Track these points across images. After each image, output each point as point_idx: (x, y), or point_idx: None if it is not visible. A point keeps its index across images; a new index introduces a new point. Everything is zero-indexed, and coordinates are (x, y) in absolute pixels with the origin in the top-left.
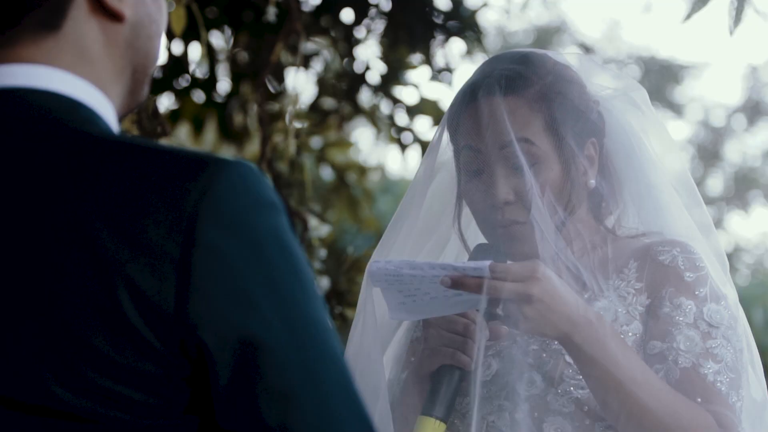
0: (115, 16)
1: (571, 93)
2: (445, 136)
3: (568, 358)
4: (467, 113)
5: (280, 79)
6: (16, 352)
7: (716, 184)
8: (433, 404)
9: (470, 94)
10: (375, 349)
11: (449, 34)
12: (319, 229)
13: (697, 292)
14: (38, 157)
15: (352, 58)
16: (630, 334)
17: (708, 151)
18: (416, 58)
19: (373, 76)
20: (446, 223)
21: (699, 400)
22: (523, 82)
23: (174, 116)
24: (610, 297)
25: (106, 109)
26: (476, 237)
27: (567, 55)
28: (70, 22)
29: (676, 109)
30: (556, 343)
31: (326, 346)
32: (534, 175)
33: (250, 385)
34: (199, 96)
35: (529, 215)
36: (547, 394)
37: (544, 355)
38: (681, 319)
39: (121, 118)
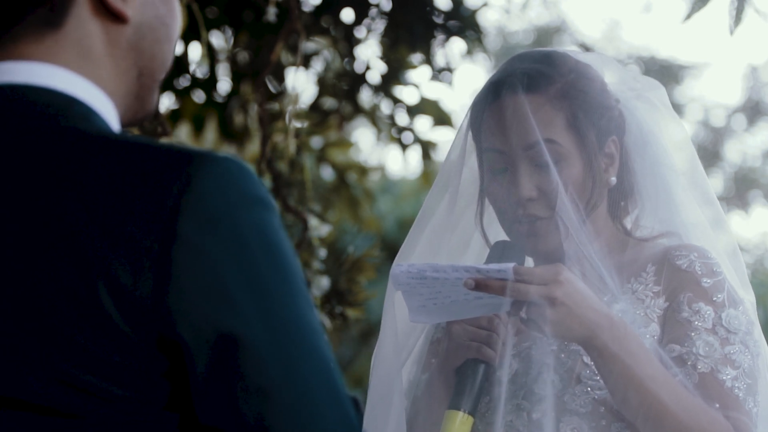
0: (118, 18)
1: (592, 91)
2: (469, 135)
3: (586, 359)
4: (490, 112)
5: (281, 79)
6: (2, 348)
7: (716, 184)
8: (461, 398)
9: (493, 92)
10: (393, 357)
11: (449, 33)
12: (319, 229)
13: (714, 298)
14: (28, 152)
15: (352, 58)
16: (648, 336)
17: (708, 151)
18: (416, 57)
19: (374, 76)
20: (469, 221)
21: (717, 405)
22: (545, 80)
23: (174, 116)
24: (628, 300)
25: (105, 107)
26: (499, 235)
27: (586, 54)
28: (72, 20)
29: (676, 109)
30: (574, 343)
31: (309, 343)
32: (557, 173)
33: (228, 381)
34: (199, 96)
35: (553, 212)
36: (564, 394)
37: (563, 355)
38: (700, 324)
39: (129, 125)
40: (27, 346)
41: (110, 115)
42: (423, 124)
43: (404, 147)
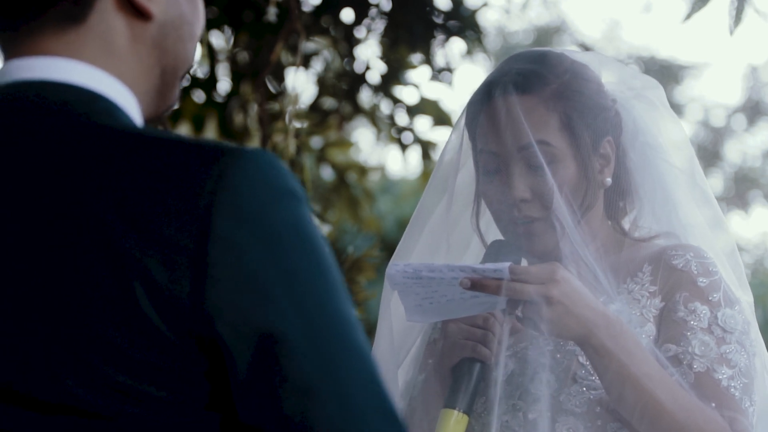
0: (142, 14)
1: (588, 91)
2: (465, 135)
3: (581, 359)
4: (484, 114)
5: (280, 79)
6: (32, 349)
7: (716, 184)
8: (456, 397)
9: (487, 93)
10: (389, 357)
11: (449, 33)
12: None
13: (710, 298)
14: (53, 150)
15: (352, 58)
16: (644, 336)
17: (708, 151)
18: (416, 57)
19: (374, 76)
20: (467, 221)
21: (713, 405)
22: (539, 80)
23: (174, 116)
24: (624, 300)
25: (128, 102)
26: (496, 235)
27: (584, 53)
28: (95, 15)
29: (676, 109)
30: (570, 343)
31: (348, 338)
32: (550, 174)
33: (269, 379)
34: (199, 96)
35: (548, 212)
36: (560, 394)
37: (558, 355)
38: (695, 323)
39: (149, 121)
40: (63, 348)
41: (134, 111)
42: (423, 124)
43: (404, 147)
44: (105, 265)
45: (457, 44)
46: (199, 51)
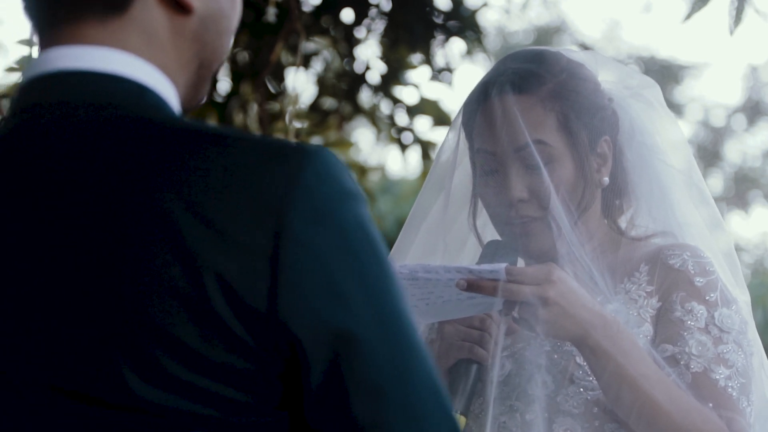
0: (183, 8)
1: (584, 90)
2: (462, 135)
3: (579, 360)
4: (481, 113)
5: (280, 79)
6: (96, 346)
7: (716, 184)
8: (453, 398)
9: (483, 93)
10: None
11: (449, 34)
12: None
13: (707, 297)
14: (107, 145)
15: (352, 58)
16: (641, 336)
17: (708, 151)
18: (416, 58)
19: (374, 76)
20: (464, 221)
21: (710, 405)
22: (536, 80)
23: None
24: (621, 300)
25: (171, 94)
26: (493, 235)
27: (581, 52)
28: (137, 6)
29: (676, 109)
30: (567, 344)
31: (413, 339)
32: (547, 174)
33: (343, 380)
34: None
35: (545, 212)
36: (557, 395)
37: (556, 356)
38: (692, 323)
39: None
40: (133, 347)
41: (175, 103)
42: (423, 124)
43: (404, 147)
44: (176, 263)
45: (457, 44)
46: None
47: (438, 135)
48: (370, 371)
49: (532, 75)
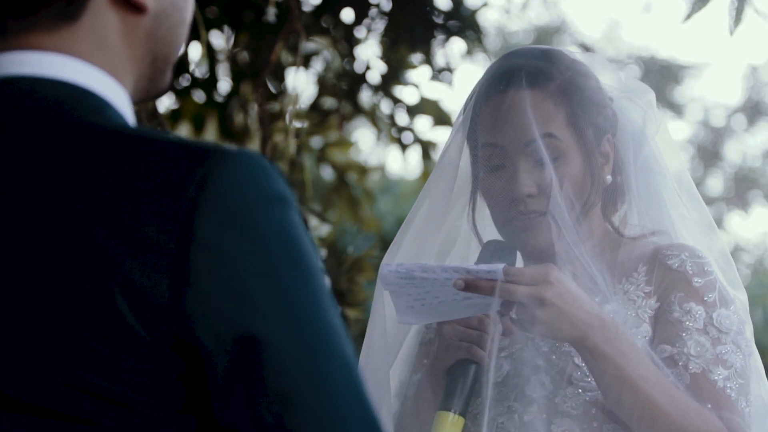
0: (136, 8)
1: (589, 88)
2: (461, 132)
3: (577, 360)
4: (488, 108)
5: (281, 79)
6: (12, 350)
7: (716, 184)
8: (451, 399)
9: (491, 88)
10: (381, 358)
11: (449, 33)
12: (319, 229)
13: (706, 298)
14: (38, 148)
15: (352, 58)
16: (639, 337)
17: (708, 151)
18: (416, 57)
19: (374, 76)
20: (453, 219)
21: (709, 406)
22: (545, 76)
23: (174, 116)
24: (620, 300)
25: (119, 98)
26: (493, 233)
27: (578, 54)
28: (89, 13)
29: (676, 109)
30: (566, 345)
31: (331, 345)
32: (556, 169)
33: (248, 383)
34: (199, 96)
35: (550, 207)
36: (555, 396)
37: (554, 357)
38: (691, 324)
39: (137, 103)
40: (40, 350)
41: (125, 108)
42: (423, 124)
43: (404, 147)
44: (85, 266)
45: (457, 44)
46: (199, 51)
47: (438, 135)
48: (277, 375)
49: (541, 71)
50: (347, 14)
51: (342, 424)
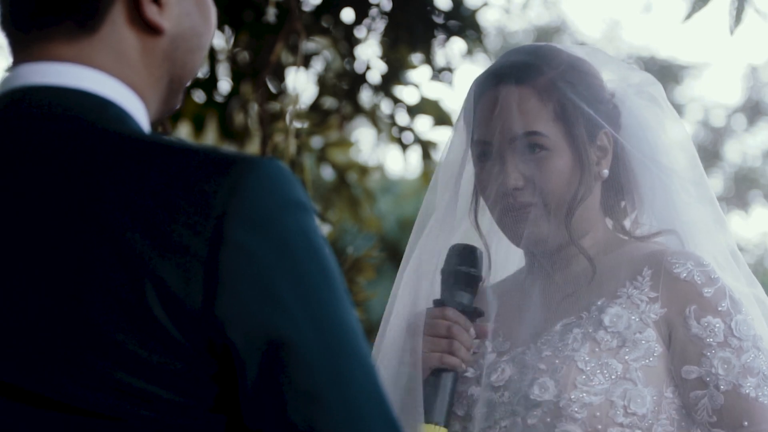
0: (153, 29)
1: (583, 83)
2: (461, 130)
3: (580, 365)
4: (479, 105)
5: (281, 78)
6: (43, 349)
7: (716, 184)
8: (432, 410)
9: (483, 85)
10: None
11: (450, 33)
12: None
13: (720, 308)
14: (65, 155)
15: (352, 58)
16: (643, 341)
17: (708, 151)
18: (417, 57)
19: (374, 76)
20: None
21: (745, 423)
22: (533, 71)
23: (174, 116)
24: (623, 303)
25: (137, 109)
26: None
27: (583, 49)
28: (107, 26)
29: (676, 109)
30: (569, 348)
31: (353, 346)
32: (541, 163)
33: (277, 385)
34: (199, 96)
35: (540, 200)
36: (559, 400)
37: (557, 361)
38: (712, 340)
39: (152, 126)
40: (73, 349)
41: (142, 118)
42: (423, 124)
43: (404, 147)
44: (119, 270)
45: (458, 44)
46: None
47: (438, 135)
48: (305, 376)
49: (530, 66)
50: (347, 14)
51: (366, 423)
